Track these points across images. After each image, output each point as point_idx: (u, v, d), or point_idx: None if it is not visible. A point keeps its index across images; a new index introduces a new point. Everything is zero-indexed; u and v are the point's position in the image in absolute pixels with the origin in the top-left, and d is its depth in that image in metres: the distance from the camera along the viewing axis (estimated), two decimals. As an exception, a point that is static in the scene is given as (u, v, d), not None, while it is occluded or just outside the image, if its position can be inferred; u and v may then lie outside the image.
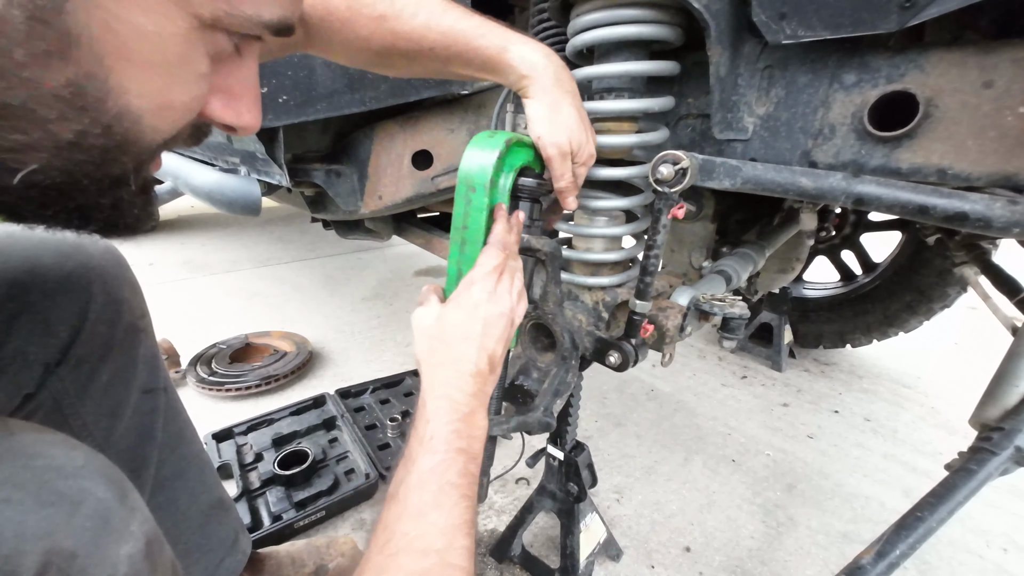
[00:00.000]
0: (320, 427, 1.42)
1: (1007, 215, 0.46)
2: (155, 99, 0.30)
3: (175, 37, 0.29)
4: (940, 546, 1.13)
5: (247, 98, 0.37)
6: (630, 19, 0.60)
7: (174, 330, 1.88)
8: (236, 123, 0.37)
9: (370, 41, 0.56)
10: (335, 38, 0.56)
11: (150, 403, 0.70)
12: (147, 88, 0.29)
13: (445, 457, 0.46)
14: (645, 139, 0.68)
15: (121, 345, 0.67)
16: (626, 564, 1.05)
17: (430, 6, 0.57)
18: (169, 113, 0.32)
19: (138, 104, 0.29)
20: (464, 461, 0.47)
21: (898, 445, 1.51)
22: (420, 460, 0.46)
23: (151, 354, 0.72)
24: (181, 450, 0.75)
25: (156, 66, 0.29)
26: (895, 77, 0.55)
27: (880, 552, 0.58)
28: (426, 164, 1.17)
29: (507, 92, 0.94)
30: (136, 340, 0.69)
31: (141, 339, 0.70)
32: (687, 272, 1.05)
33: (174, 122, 0.32)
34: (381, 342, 2.03)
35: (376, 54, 0.58)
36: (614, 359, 0.71)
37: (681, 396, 1.71)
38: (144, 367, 0.70)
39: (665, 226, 0.62)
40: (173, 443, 0.74)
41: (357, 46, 0.57)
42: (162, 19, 0.28)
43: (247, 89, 0.37)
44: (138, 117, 0.30)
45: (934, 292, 1.63)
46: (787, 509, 1.22)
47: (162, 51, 0.29)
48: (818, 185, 0.55)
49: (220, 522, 0.80)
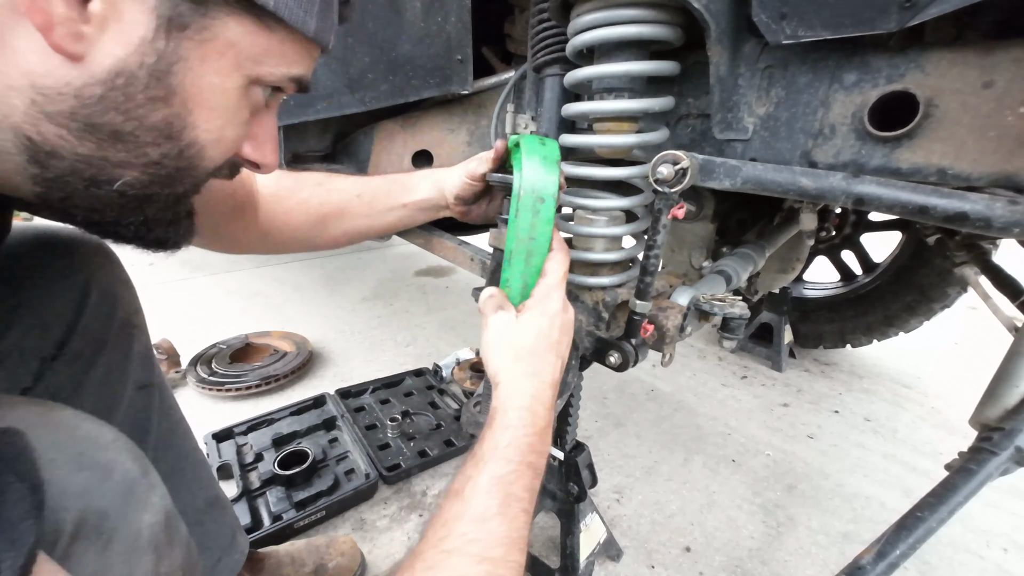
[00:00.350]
0: (320, 427, 1.42)
1: (1007, 215, 0.46)
2: (214, 135, 0.41)
3: (234, 90, 0.40)
4: (940, 546, 1.13)
5: (270, 144, 0.48)
6: (630, 19, 0.60)
7: (174, 330, 1.88)
8: (261, 162, 0.48)
9: (309, 202, 0.71)
10: (282, 205, 0.70)
11: (144, 399, 0.71)
12: (211, 126, 0.40)
13: (517, 468, 0.47)
14: (645, 139, 0.68)
15: (116, 341, 0.67)
16: (626, 564, 1.05)
17: None
18: (220, 146, 0.42)
19: (203, 137, 0.40)
20: (531, 477, 0.48)
21: (898, 445, 1.51)
22: (492, 465, 0.47)
23: (145, 350, 0.72)
24: (176, 447, 0.76)
25: (219, 110, 0.40)
26: (895, 77, 0.55)
27: (880, 552, 0.58)
28: (426, 164, 1.17)
29: (507, 92, 0.94)
30: (130, 336, 0.70)
31: (135, 335, 0.71)
32: (687, 272, 1.05)
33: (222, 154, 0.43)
34: (381, 342, 2.03)
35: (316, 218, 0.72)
36: (614, 359, 0.71)
37: (681, 396, 1.71)
38: (138, 363, 0.70)
39: (665, 226, 0.62)
40: (167, 440, 0.74)
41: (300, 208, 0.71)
42: (227, 78, 0.39)
43: (270, 137, 0.48)
44: (202, 147, 0.40)
45: (934, 292, 1.63)
46: (787, 509, 1.22)
47: (225, 100, 0.40)
48: (818, 185, 0.55)
49: (217, 520, 0.80)
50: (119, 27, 0.33)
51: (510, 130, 0.99)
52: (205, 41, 0.36)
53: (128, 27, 0.33)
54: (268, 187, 0.72)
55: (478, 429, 0.67)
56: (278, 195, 0.72)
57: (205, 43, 0.36)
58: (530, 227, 0.58)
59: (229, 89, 0.39)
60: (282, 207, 0.72)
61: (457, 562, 0.40)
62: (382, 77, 1.06)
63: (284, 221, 0.72)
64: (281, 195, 0.72)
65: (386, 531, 1.11)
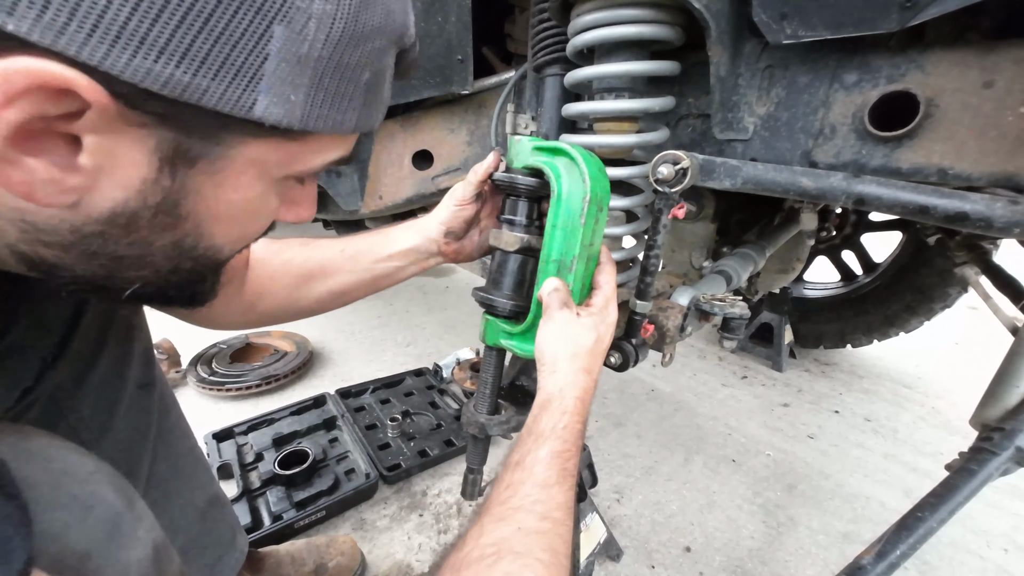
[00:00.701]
0: (320, 427, 1.42)
1: (1008, 215, 0.46)
2: (235, 236, 0.39)
3: (256, 199, 0.37)
4: (941, 546, 1.13)
5: (307, 203, 0.46)
6: (630, 19, 0.60)
7: (174, 330, 1.87)
8: (296, 221, 0.46)
9: (292, 261, 0.71)
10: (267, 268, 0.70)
11: (145, 398, 0.71)
12: (231, 234, 0.38)
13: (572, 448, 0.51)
14: (645, 139, 0.68)
15: (116, 340, 0.67)
16: (626, 564, 1.05)
17: None
18: (244, 241, 0.41)
19: (221, 242, 0.38)
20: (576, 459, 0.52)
21: (899, 445, 1.51)
22: (551, 442, 0.51)
23: (145, 349, 0.73)
24: (176, 446, 0.76)
25: (239, 218, 0.38)
26: (896, 77, 0.55)
27: (881, 552, 0.58)
28: (427, 164, 1.17)
29: (508, 92, 0.94)
30: (131, 335, 0.70)
31: (135, 335, 0.71)
32: (687, 272, 1.05)
33: (246, 243, 0.42)
34: (381, 342, 2.03)
35: (300, 277, 0.71)
36: (614, 359, 0.71)
37: (681, 396, 1.71)
38: (139, 362, 0.70)
39: (665, 226, 0.62)
40: (167, 439, 0.74)
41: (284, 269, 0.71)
42: (248, 191, 0.36)
43: (309, 201, 0.46)
44: (220, 248, 0.39)
45: (935, 292, 1.63)
46: (787, 509, 1.22)
47: (244, 211, 0.37)
48: (819, 185, 0.55)
49: (217, 519, 0.80)
50: (116, 172, 0.30)
51: (510, 130, 0.99)
52: (220, 170, 0.33)
53: (126, 170, 0.30)
54: (256, 252, 0.71)
55: (478, 429, 0.67)
56: (264, 259, 0.71)
57: (220, 172, 0.33)
58: (591, 233, 0.58)
59: (251, 198, 0.37)
60: (266, 270, 0.70)
61: (523, 517, 0.44)
62: (382, 77, 1.06)
63: (268, 286, 0.70)
64: (267, 258, 0.71)
65: (386, 531, 1.11)
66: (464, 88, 0.95)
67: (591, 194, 0.56)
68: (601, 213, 0.58)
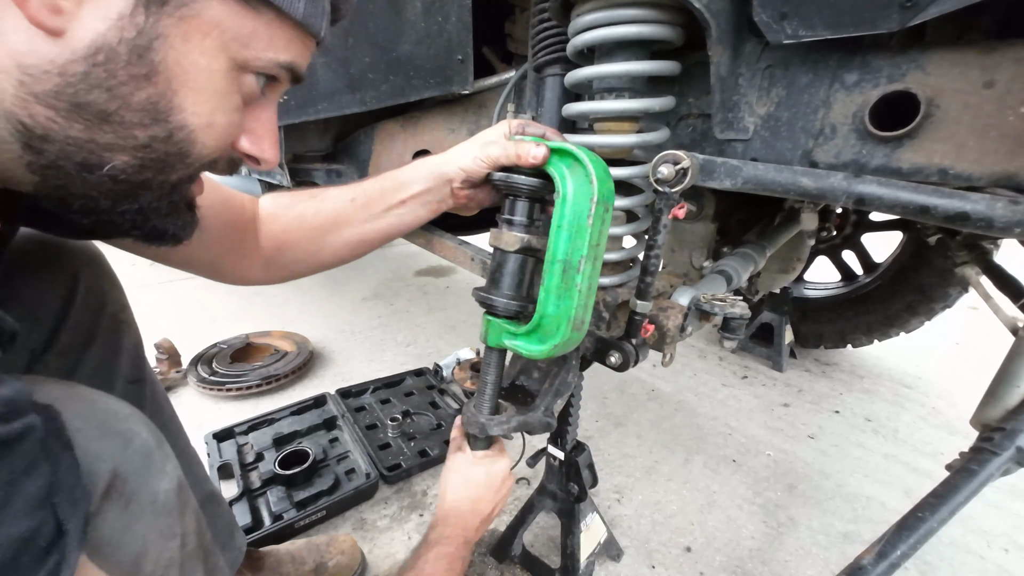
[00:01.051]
0: (321, 427, 1.42)
1: (1008, 215, 0.46)
2: (204, 119, 0.40)
3: (220, 72, 0.39)
4: (941, 546, 1.13)
5: (269, 138, 0.47)
6: (631, 19, 0.60)
7: (175, 330, 1.88)
8: (260, 156, 0.47)
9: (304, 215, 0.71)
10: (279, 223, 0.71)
11: (135, 394, 0.72)
12: (199, 109, 0.39)
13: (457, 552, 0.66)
14: (646, 139, 0.68)
15: (104, 335, 0.68)
16: (627, 564, 1.05)
17: None
18: (212, 132, 0.41)
19: (192, 121, 0.39)
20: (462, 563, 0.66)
21: (899, 445, 1.51)
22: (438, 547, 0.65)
23: (134, 346, 0.73)
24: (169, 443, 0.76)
25: (206, 93, 0.39)
26: (896, 77, 0.55)
27: (881, 552, 0.58)
28: (427, 164, 1.17)
29: (508, 92, 0.94)
30: (119, 331, 0.71)
31: (124, 330, 0.72)
32: (688, 272, 1.05)
33: (215, 140, 0.42)
34: (382, 342, 2.04)
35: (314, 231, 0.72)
36: (615, 359, 0.71)
37: (682, 396, 1.71)
38: (128, 358, 0.71)
39: (666, 226, 0.62)
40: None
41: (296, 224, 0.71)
42: (212, 59, 0.38)
43: (268, 132, 0.47)
44: (191, 131, 0.40)
45: (935, 292, 1.63)
46: (788, 509, 1.22)
47: (211, 82, 0.39)
48: (819, 185, 0.55)
49: (214, 516, 0.80)
50: (97, 1, 0.33)
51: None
52: (186, 19, 0.36)
53: (106, 1, 0.33)
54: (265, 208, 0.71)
55: (479, 429, 0.68)
56: (275, 214, 0.71)
57: (186, 20, 0.36)
58: (599, 234, 0.58)
59: (215, 71, 0.39)
60: (279, 225, 0.70)
61: None
62: (383, 77, 1.06)
63: (283, 240, 0.70)
64: (277, 214, 0.71)
65: (386, 530, 1.11)
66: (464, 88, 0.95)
67: (599, 195, 0.56)
68: (607, 213, 0.58)
